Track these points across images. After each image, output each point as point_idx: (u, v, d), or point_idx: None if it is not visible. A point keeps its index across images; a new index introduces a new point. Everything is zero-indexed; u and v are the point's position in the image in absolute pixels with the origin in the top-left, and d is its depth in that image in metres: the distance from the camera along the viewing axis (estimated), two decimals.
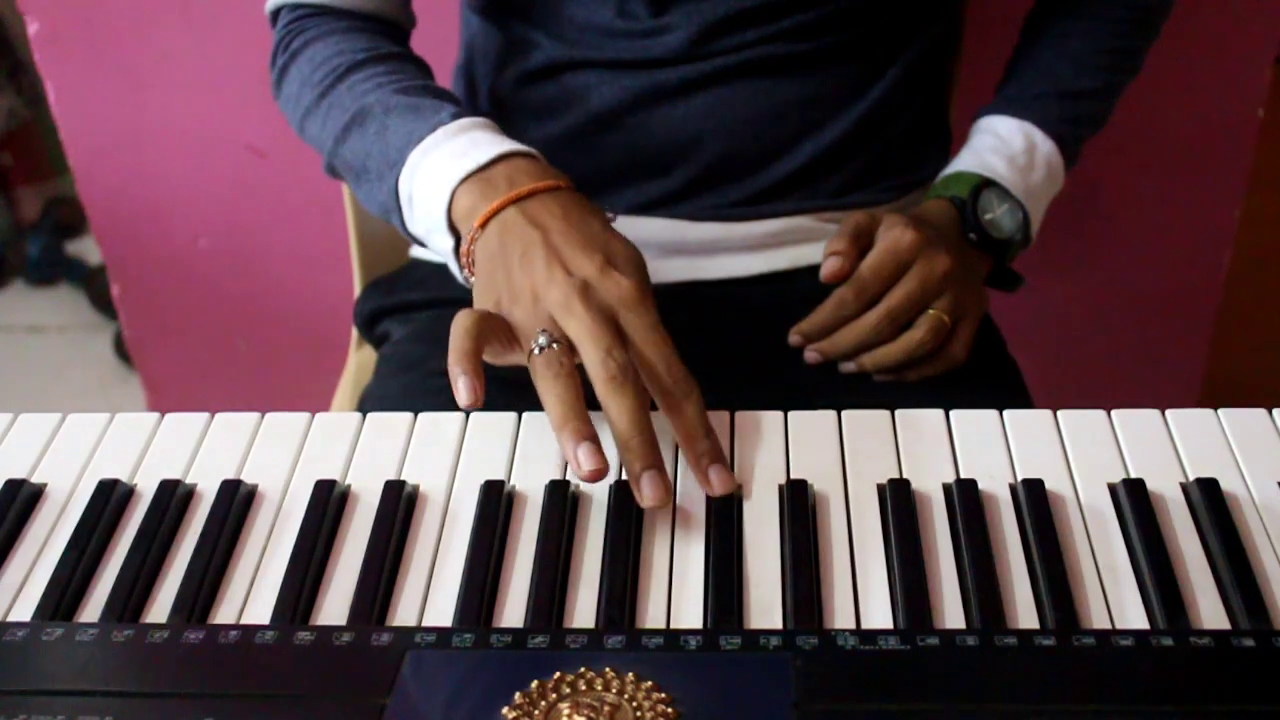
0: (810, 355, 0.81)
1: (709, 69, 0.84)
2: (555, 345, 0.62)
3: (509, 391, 0.66)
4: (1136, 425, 0.64)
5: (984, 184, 0.84)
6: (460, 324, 0.62)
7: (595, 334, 0.61)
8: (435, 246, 0.74)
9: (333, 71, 0.80)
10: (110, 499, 0.61)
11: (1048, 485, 0.60)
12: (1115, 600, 0.54)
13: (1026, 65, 0.93)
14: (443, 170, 0.71)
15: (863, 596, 0.55)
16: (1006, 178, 0.85)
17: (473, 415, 0.62)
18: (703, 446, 0.60)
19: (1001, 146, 0.87)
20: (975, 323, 0.82)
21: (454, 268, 0.73)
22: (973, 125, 0.92)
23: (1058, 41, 0.91)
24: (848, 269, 0.79)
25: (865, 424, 0.65)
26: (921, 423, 0.65)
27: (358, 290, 1.06)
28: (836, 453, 0.63)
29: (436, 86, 0.81)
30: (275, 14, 0.88)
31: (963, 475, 0.61)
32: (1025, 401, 0.85)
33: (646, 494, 0.58)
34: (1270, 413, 0.64)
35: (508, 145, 0.71)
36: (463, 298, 0.72)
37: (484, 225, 0.69)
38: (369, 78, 0.79)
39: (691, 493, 0.61)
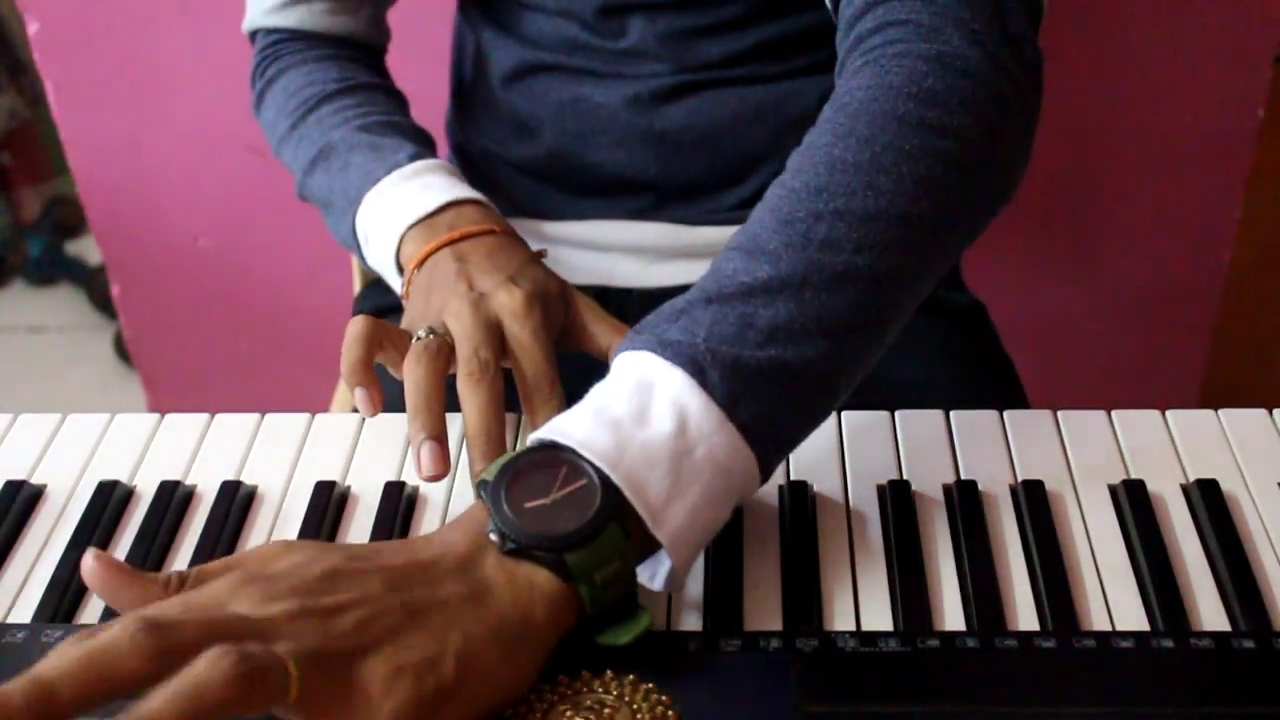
0: None
1: (674, 82, 0.83)
2: (433, 335, 0.63)
3: (508, 393, 0.66)
4: (1136, 425, 0.64)
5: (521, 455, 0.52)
6: (351, 331, 0.63)
7: (469, 332, 0.63)
8: (390, 283, 0.76)
9: (304, 103, 0.82)
10: (110, 499, 0.61)
11: (1048, 485, 0.60)
12: (1115, 601, 0.54)
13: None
14: (393, 215, 0.73)
15: (863, 598, 0.55)
16: (580, 438, 0.51)
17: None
18: None
19: (595, 395, 0.54)
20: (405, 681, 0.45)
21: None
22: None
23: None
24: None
25: (865, 424, 0.65)
26: (921, 423, 0.64)
27: (357, 289, 1.06)
28: (836, 453, 0.63)
29: (401, 121, 0.82)
30: (253, 35, 0.89)
31: (963, 475, 0.61)
32: (1020, 400, 0.85)
33: None
34: (1270, 413, 0.64)
35: (456, 192, 0.73)
36: None
37: (419, 266, 0.71)
38: (337, 111, 0.81)
39: None
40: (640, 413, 0.51)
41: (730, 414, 0.51)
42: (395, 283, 0.75)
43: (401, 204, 0.73)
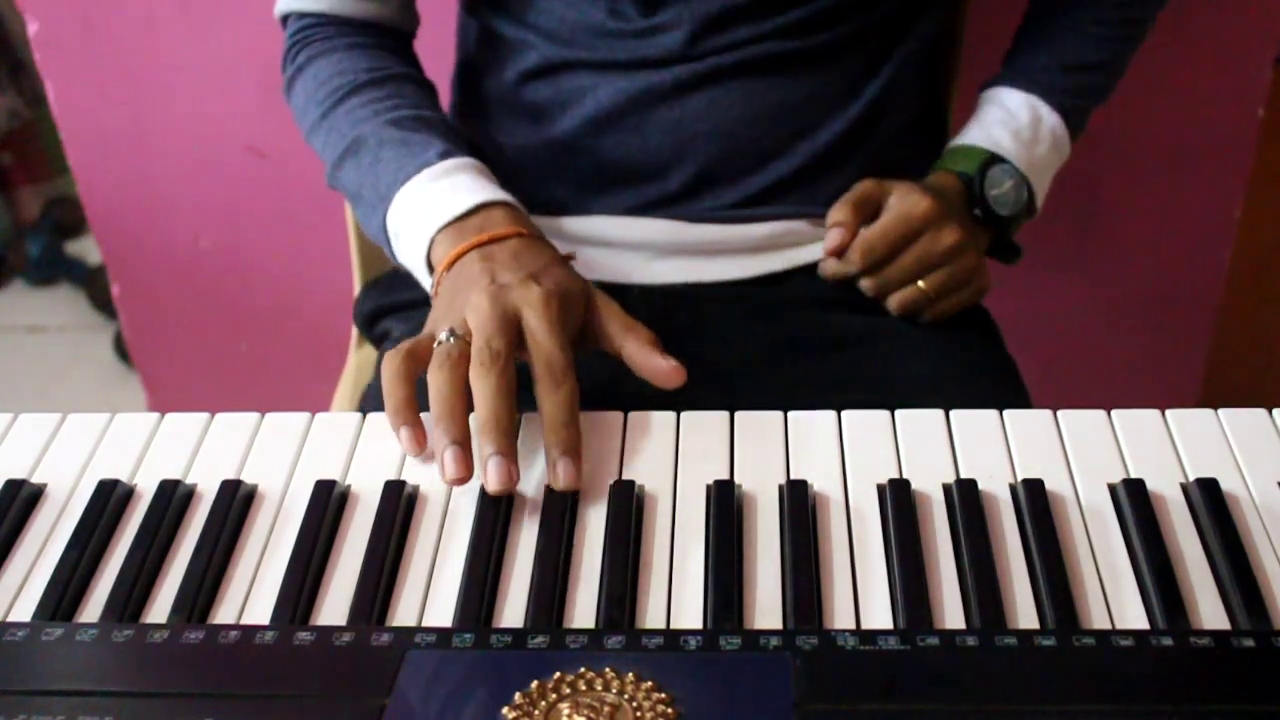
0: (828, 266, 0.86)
1: (703, 69, 0.84)
2: (454, 339, 0.65)
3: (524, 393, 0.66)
4: (1136, 425, 0.64)
5: (991, 160, 0.87)
6: (389, 371, 0.65)
7: (484, 323, 0.64)
8: (419, 280, 0.77)
9: (334, 93, 0.83)
10: (110, 499, 0.61)
11: (1048, 485, 0.60)
12: (1115, 600, 0.54)
13: (1033, 35, 0.94)
14: (424, 215, 0.74)
15: (863, 596, 0.55)
16: (1012, 152, 0.88)
17: (471, 416, 0.63)
18: (557, 436, 0.62)
19: (1008, 120, 0.89)
20: (973, 296, 0.87)
21: None
22: (979, 95, 0.93)
23: (1064, 11, 0.93)
24: (849, 241, 0.83)
25: (865, 424, 0.65)
26: (921, 423, 0.64)
27: (357, 289, 1.06)
28: (836, 453, 0.63)
29: (430, 115, 0.83)
30: (284, 19, 0.90)
31: (963, 475, 0.61)
32: (1024, 399, 0.85)
33: (490, 479, 0.60)
34: (1270, 413, 0.64)
35: (486, 194, 0.74)
36: None
37: (449, 268, 0.72)
38: (367, 103, 0.82)
39: (691, 493, 0.61)
40: (1034, 138, 0.89)
41: (1071, 138, 0.93)
42: (425, 281, 0.76)
43: (432, 205, 0.74)
